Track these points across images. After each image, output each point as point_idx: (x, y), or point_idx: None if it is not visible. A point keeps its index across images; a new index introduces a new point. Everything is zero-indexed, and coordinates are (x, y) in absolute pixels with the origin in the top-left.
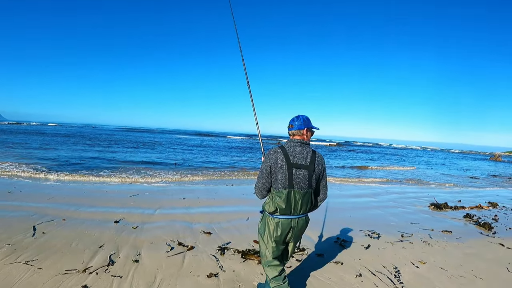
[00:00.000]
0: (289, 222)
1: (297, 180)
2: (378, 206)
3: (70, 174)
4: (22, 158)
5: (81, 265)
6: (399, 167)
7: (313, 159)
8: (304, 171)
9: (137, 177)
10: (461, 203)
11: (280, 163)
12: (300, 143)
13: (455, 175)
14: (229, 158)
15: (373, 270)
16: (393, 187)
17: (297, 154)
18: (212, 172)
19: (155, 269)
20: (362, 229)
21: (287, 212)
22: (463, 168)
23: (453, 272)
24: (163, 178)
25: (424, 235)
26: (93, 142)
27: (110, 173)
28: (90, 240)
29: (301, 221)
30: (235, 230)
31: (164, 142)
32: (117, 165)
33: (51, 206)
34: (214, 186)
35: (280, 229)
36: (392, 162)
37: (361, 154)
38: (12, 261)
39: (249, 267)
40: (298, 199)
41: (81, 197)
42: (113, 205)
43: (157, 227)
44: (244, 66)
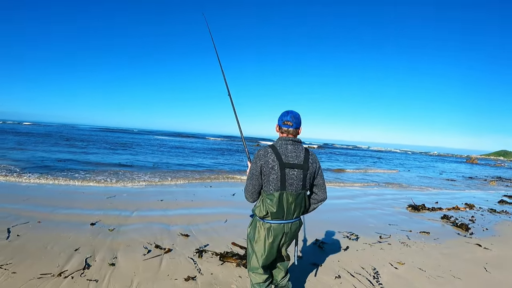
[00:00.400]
0: (281, 227)
1: (290, 181)
2: (357, 207)
3: (46, 175)
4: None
5: (57, 269)
6: (377, 169)
7: (306, 158)
8: (297, 171)
9: (114, 179)
10: (438, 205)
11: (271, 163)
12: (292, 141)
13: (432, 177)
14: (208, 160)
15: (352, 272)
16: (371, 189)
17: (289, 153)
18: (190, 174)
19: (131, 272)
20: (340, 231)
21: (279, 216)
22: (440, 171)
23: (431, 272)
24: (141, 179)
25: (402, 236)
26: (70, 142)
27: (86, 174)
28: (65, 243)
29: (294, 226)
30: (213, 232)
31: (143, 143)
32: (94, 167)
33: (26, 207)
34: (192, 188)
35: (272, 235)
36: (370, 164)
37: (340, 157)
38: None
39: (227, 270)
40: (291, 201)
41: (57, 198)
42: (89, 207)
43: (134, 229)
44: (224, 75)
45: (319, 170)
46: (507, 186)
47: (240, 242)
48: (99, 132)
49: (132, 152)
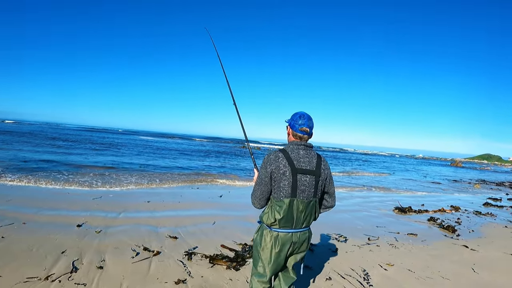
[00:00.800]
0: (289, 237)
1: (302, 188)
2: (344, 210)
3: (29, 176)
4: None
5: (43, 273)
6: (363, 172)
7: (319, 164)
8: (310, 177)
9: (100, 180)
10: (424, 207)
11: (282, 168)
12: (304, 145)
13: (418, 180)
14: (194, 162)
15: (342, 274)
16: (357, 192)
17: (301, 158)
18: (177, 176)
19: (120, 275)
20: (329, 233)
21: (288, 225)
22: (425, 174)
23: (420, 273)
24: (127, 181)
25: (390, 238)
26: (54, 142)
27: (70, 175)
28: (51, 245)
29: (303, 236)
30: (201, 234)
31: (128, 144)
32: (78, 168)
33: (10, 208)
34: (179, 190)
35: (279, 244)
36: (356, 167)
37: (327, 160)
38: None
39: (218, 273)
40: (301, 209)
41: (41, 199)
42: (75, 208)
43: (121, 231)
44: (229, 85)
45: (330, 177)
46: (491, 189)
47: (229, 244)
48: (83, 131)
49: (117, 153)
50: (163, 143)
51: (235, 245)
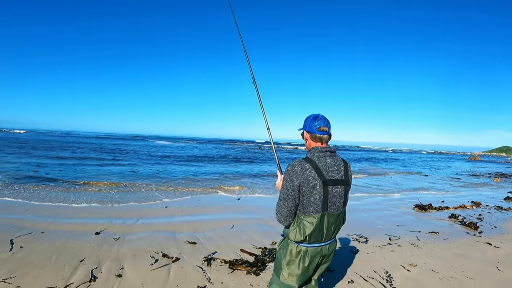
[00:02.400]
0: (319, 250)
1: (333, 200)
2: (363, 209)
3: (46, 185)
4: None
5: (62, 282)
6: (376, 168)
7: (346, 171)
8: (340, 187)
9: (117, 187)
10: (445, 204)
11: (312, 181)
12: (329, 152)
13: (435, 175)
14: (210, 166)
15: (364, 276)
16: (376, 190)
17: (329, 167)
18: (192, 181)
19: (139, 283)
20: (349, 234)
21: (318, 240)
22: (443, 169)
23: (444, 274)
24: (142, 187)
25: (412, 237)
26: (71, 150)
27: (87, 183)
28: (70, 254)
29: (332, 246)
30: (220, 239)
31: (139, 150)
32: (93, 175)
33: (28, 217)
34: (197, 195)
35: (309, 259)
36: (367, 164)
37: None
38: None
39: (238, 278)
40: (331, 222)
41: (59, 208)
42: (93, 215)
43: (139, 238)
44: (248, 60)
45: (351, 182)
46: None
47: (248, 249)
48: (93, 139)
49: (131, 160)
50: (175, 147)
51: (255, 249)
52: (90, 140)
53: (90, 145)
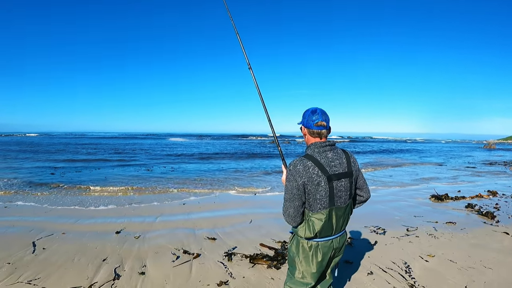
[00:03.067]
0: (330, 244)
1: (339, 194)
2: (380, 201)
3: (63, 188)
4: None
5: (86, 281)
6: (391, 159)
7: (349, 162)
8: (345, 180)
9: (134, 186)
10: (461, 193)
11: (316, 179)
12: (329, 146)
13: (451, 165)
14: (224, 163)
15: (383, 267)
16: (392, 181)
17: (331, 161)
18: (210, 176)
19: (163, 280)
20: (367, 225)
21: (328, 234)
22: (459, 158)
23: (462, 264)
24: (160, 184)
25: (429, 227)
26: (81, 152)
27: (104, 183)
28: (92, 254)
29: (342, 238)
30: (239, 234)
31: (155, 148)
32: (108, 175)
33: (49, 219)
34: (214, 191)
35: (321, 254)
36: (382, 155)
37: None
38: (13, 282)
39: (259, 272)
40: (340, 216)
41: (79, 208)
42: (112, 215)
43: (159, 235)
44: (241, 44)
45: (359, 170)
46: None
47: (267, 243)
48: (108, 139)
49: (146, 159)
50: (188, 144)
51: (274, 243)
52: (105, 141)
53: (105, 145)
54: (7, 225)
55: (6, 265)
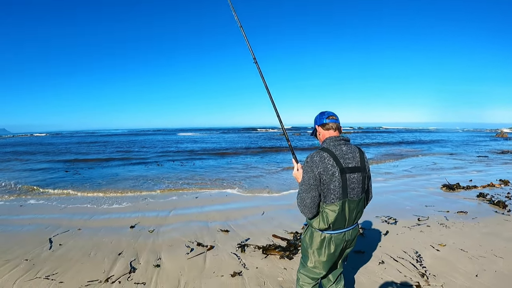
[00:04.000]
0: (342, 236)
1: (352, 186)
2: (391, 191)
3: (77, 185)
4: (24, 171)
5: (103, 275)
6: (402, 149)
7: (362, 158)
8: (357, 174)
9: (146, 182)
10: (472, 183)
11: (331, 169)
12: (343, 140)
13: (463, 154)
14: (236, 158)
15: (394, 256)
16: (403, 171)
17: (345, 154)
18: (221, 170)
19: (177, 272)
20: (378, 215)
21: (341, 226)
22: (470, 146)
23: (473, 253)
24: (172, 179)
25: (440, 217)
26: (92, 150)
27: (117, 179)
28: (108, 248)
29: (354, 231)
30: (252, 226)
31: (165, 144)
32: (121, 171)
33: (64, 216)
34: (225, 184)
35: (334, 246)
36: (392, 146)
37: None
38: (32, 277)
39: (272, 263)
40: (352, 208)
41: (93, 204)
42: (126, 210)
43: (173, 229)
44: (246, 38)
45: (369, 169)
46: None
47: (280, 234)
48: (120, 136)
49: (156, 154)
50: (199, 138)
51: (286, 234)
52: (118, 138)
53: (117, 142)
54: (23, 223)
55: (24, 261)
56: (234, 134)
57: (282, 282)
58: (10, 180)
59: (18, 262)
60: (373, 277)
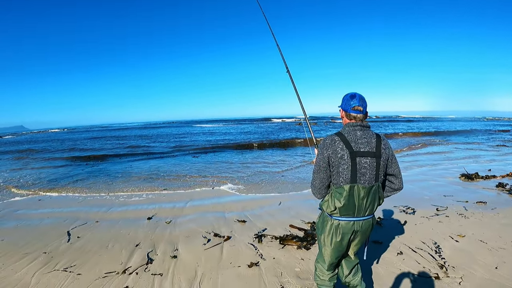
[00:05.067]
0: (351, 225)
1: (363, 171)
2: (409, 180)
3: (95, 179)
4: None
5: (120, 266)
6: (421, 138)
7: (378, 144)
8: (370, 159)
9: (162, 174)
10: (491, 172)
11: (340, 152)
12: (360, 126)
13: (482, 143)
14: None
15: (413, 247)
16: (421, 160)
17: (359, 139)
18: (236, 162)
19: (194, 263)
20: (396, 205)
21: (349, 213)
22: (490, 135)
23: (492, 244)
24: (188, 173)
25: (459, 207)
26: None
27: (133, 176)
28: (125, 240)
29: (366, 224)
30: (269, 216)
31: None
32: (140, 167)
33: (82, 209)
34: (242, 174)
35: (340, 234)
36: (410, 136)
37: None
38: (50, 270)
39: (289, 253)
40: (363, 196)
41: (110, 197)
42: (143, 202)
43: (190, 219)
44: (280, 52)
45: (393, 157)
46: None
47: (297, 224)
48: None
49: (170, 147)
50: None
51: (303, 224)
52: (132, 132)
53: (133, 136)
54: (42, 217)
55: (43, 254)
56: (251, 125)
57: (299, 272)
58: (29, 176)
59: (37, 255)
60: (391, 268)
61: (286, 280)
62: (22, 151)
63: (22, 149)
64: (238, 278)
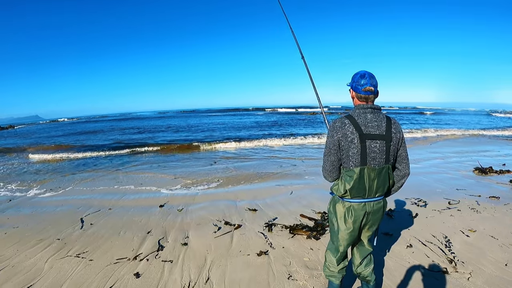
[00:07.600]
0: (362, 207)
1: (373, 155)
2: (421, 172)
3: (108, 167)
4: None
5: (131, 253)
6: (434, 130)
7: (389, 127)
8: (380, 142)
9: (174, 162)
10: (506, 167)
11: (350, 135)
12: (371, 108)
13: (496, 136)
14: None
15: (423, 240)
16: (434, 152)
17: (369, 122)
18: (249, 152)
19: (204, 251)
20: (408, 197)
21: (360, 195)
22: (505, 129)
23: (504, 240)
24: (200, 161)
25: (471, 201)
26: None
27: (146, 165)
28: (137, 227)
29: (377, 205)
30: (280, 205)
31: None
32: (154, 157)
33: (96, 197)
34: (253, 163)
35: (353, 216)
36: (424, 126)
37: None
38: (63, 256)
39: (298, 243)
40: (373, 177)
41: (124, 185)
42: (156, 189)
43: (201, 207)
44: (295, 38)
45: (402, 140)
46: None
47: (308, 214)
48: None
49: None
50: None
51: (314, 214)
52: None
53: (148, 125)
54: (57, 204)
55: (56, 241)
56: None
57: (308, 262)
58: (46, 164)
59: (51, 241)
60: (400, 260)
61: (294, 270)
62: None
63: (40, 136)
64: (247, 266)
